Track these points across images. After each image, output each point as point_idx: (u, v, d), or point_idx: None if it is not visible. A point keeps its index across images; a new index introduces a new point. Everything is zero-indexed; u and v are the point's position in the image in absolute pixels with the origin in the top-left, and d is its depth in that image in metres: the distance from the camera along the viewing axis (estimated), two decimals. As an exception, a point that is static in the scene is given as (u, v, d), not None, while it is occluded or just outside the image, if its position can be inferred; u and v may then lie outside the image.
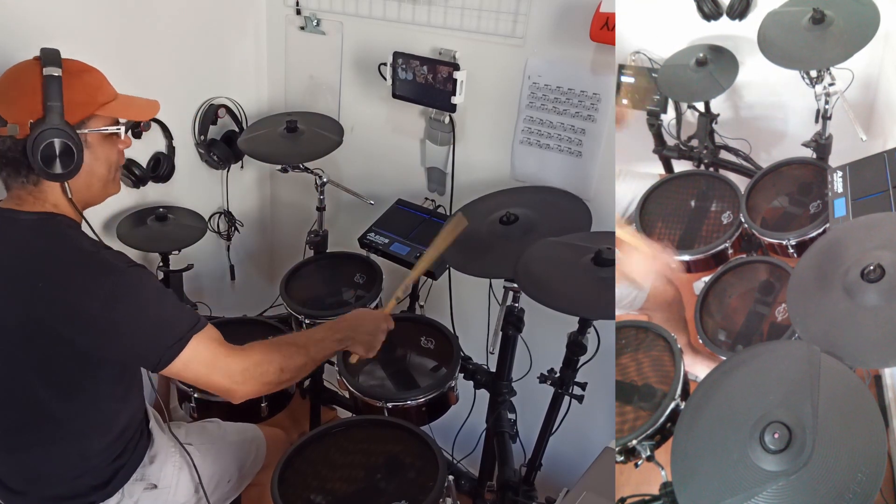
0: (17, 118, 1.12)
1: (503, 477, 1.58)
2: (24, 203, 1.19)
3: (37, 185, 1.18)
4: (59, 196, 1.20)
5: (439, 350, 1.69)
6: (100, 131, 1.21)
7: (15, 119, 1.13)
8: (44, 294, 1.11)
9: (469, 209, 1.70)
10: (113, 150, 1.25)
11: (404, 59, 1.84)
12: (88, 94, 1.19)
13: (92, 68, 1.23)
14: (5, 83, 1.18)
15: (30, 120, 1.12)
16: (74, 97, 1.15)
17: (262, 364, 1.23)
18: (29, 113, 1.12)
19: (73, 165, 1.16)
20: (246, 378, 1.22)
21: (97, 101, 1.20)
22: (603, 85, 1.66)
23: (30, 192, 1.19)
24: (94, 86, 1.21)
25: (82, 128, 1.18)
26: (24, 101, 1.13)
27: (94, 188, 1.25)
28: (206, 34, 2.10)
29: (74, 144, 1.15)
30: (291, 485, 1.25)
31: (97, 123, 1.20)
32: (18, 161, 1.15)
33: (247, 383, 1.22)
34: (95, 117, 1.20)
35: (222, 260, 2.42)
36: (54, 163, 1.14)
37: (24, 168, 1.16)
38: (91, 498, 1.30)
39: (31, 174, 1.16)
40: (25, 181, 1.18)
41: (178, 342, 1.15)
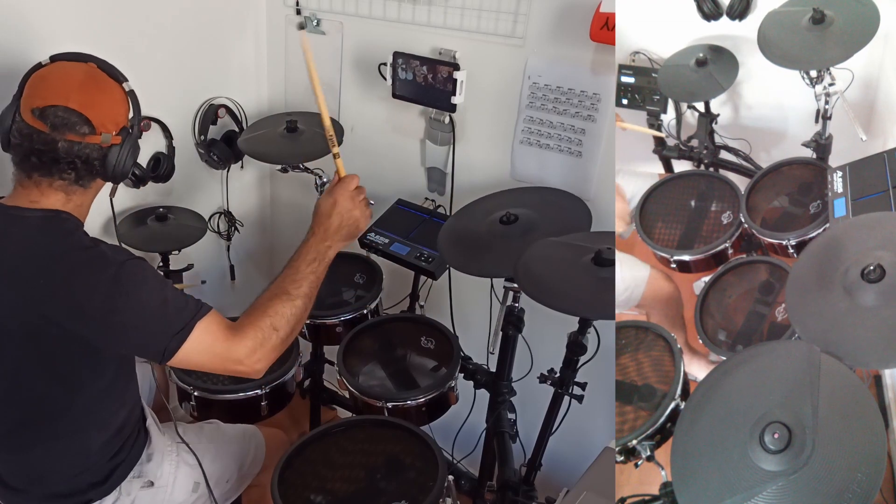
0: (109, 128, 1.19)
1: (503, 477, 1.58)
2: (31, 200, 1.19)
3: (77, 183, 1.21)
4: (66, 195, 1.21)
5: (439, 350, 1.69)
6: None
7: (107, 129, 1.19)
8: (47, 291, 1.12)
9: (469, 209, 1.70)
10: None
11: (404, 59, 1.84)
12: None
13: None
14: (89, 91, 1.19)
15: (114, 131, 1.20)
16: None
17: (258, 335, 1.22)
18: (117, 123, 1.21)
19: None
20: (253, 357, 1.22)
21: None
22: (603, 85, 1.66)
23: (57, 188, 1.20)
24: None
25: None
26: (114, 110, 1.21)
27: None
28: (206, 34, 2.10)
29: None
30: (291, 485, 1.25)
31: None
32: (74, 164, 1.18)
33: (258, 361, 1.23)
34: None
35: (222, 260, 2.42)
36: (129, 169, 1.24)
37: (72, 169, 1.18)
38: (89, 495, 1.30)
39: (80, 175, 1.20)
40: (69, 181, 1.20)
41: (181, 330, 1.15)
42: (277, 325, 1.25)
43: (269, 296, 1.28)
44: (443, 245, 1.61)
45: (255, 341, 1.22)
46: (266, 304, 1.27)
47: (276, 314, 1.25)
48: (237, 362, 1.21)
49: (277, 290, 1.29)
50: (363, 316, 1.82)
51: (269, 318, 1.25)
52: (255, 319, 1.24)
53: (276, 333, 1.24)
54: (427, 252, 1.78)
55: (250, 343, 1.21)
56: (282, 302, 1.27)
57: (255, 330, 1.23)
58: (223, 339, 1.20)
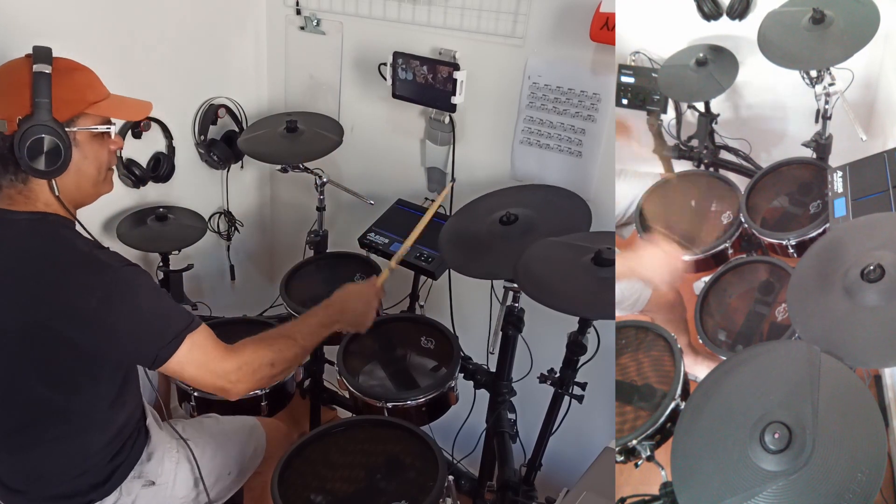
0: (5, 114, 1.12)
1: (503, 477, 1.58)
2: (15, 203, 1.19)
3: (26, 183, 1.18)
4: (49, 195, 1.19)
5: (439, 350, 1.69)
6: (89, 130, 1.20)
7: (3, 115, 1.12)
8: (41, 295, 1.12)
9: (469, 209, 1.70)
10: (103, 150, 1.24)
11: (404, 59, 1.84)
12: (78, 93, 1.19)
13: (83, 67, 1.22)
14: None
15: (18, 116, 1.12)
16: (64, 95, 1.15)
17: (254, 361, 1.26)
18: (17, 109, 1.12)
19: (60, 163, 1.15)
20: (240, 377, 1.24)
21: (87, 99, 1.20)
22: (603, 85, 1.66)
23: (19, 191, 1.18)
24: (84, 84, 1.21)
25: (71, 126, 1.17)
26: (13, 97, 1.13)
27: (83, 188, 1.24)
28: (207, 34, 2.10)
29: (62, 141, 1.14)
30: (291, 485, 1.25)
31: (86, 122, 1.20)
32: (6, 158, 1.14)
33: (241, 382, 1.25)
34: (85, 116, 1.19)
35: (222, 260, 2.43)
36: (40, 159, 1.13)
37: (12, 165, 1.15)
38: (90, 496, 1.30)
39: (19, 172, 1.16)
40: (14, 179, 1.17)
41: (173, 340, 1.16)
42: (275, 362, 1.29)
43: (277, 334, 1.33)
44: (443, 245, 1.61)
45: (248, 365, 1.25)
46: (274, 340, 1.31)
47: (279, 352, 1.30)
48: (221, 376, 1.23)
49: (286, 332, 1.34)
50: (363, 316, 1.82)
51: (272, 352, 1.29)
52: (257, 348, 1.28)
53: (271, 369, 1.29)
54: (427, 252, 1.78)
55: (240, 363, 1.24)
56: (287, 344, 1.32)
57: (252, 355, 1.26)
58: (215, 355, 1.23)
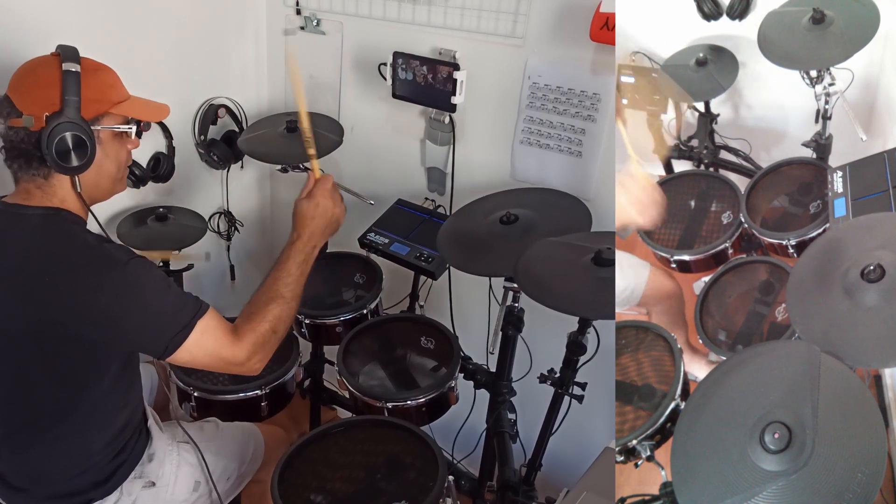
0: (33, 110, 1.14)
1: (503, 477, 1.58)
2: (31, 197, 1.20)
3: (47, 178, 1.19)
4: (67, 191, 1.21)
5: (439, 350, 1.69)
6: (112, 129, 1.23)
7: (30, 111, 1.14)
8: (51, 292, 1.12)
9: (469, 209, 1.70)
10: (123, 149, 1.28)
11: (404, 59, 1.84)
12: (103, 92, 1.22)
13: (107, 67, 1.25)
14: (22, 75, 1.19)
15: (45, 113, 1.14)
16: (90, 94, 1.17)
17: (258, 339, 1.27)
18: (45, 105, 1.14)
19: (86, 159, 1.18)
20: (250, 356, 1.26)
21: (111, 99, 1.23)
22: (603, 85, 1.66)
23: (39, 185, 1.20)
24: (108, 84, 1.24)
25: (96, 124, 1.20)
26: (41, 93, 1.15)
27: (102, 185, 1.27)
28: (206, 34, 2.10)
29: (88, 139, 1.17)
30: (291, 485, 1.25)
31: (110, 121, 1.23)
32: (30, 153, 1.16)
33: (252, 361, 1.27)
34: (108, 115, 1.23)
35: (222, 260, 2.42)
36: (69, 156, 1.15)
37: (36, 161, 1.17)
38: (90, 495, 1.31)
39: (42, 167, 1.18)
40: (36, 174, 1.19)
41: (183, 329, 1.18)
42: (277, 329, 1.30)
43: (265, 300, 1.32)
44: (443, 245, 1.61)
45: (256, 345, 1.27)
46: (264, 308, 1.30)
47: (276, 318, 1.30)
48: (238, 365, 1.26)
49: (272, 294, 1.32)
50: (363, 316, 1.82)
51: (269, 322, 1.29)
52: (256, 325, 1.28)
53: (275, 336, 1.30)
54: (427, 252, 1.78)
55: (251, 346, 1.26)
56: (278, 305, 1.31)
57: (255, 334, 1.27)
58: (224, 340, 1.24)
